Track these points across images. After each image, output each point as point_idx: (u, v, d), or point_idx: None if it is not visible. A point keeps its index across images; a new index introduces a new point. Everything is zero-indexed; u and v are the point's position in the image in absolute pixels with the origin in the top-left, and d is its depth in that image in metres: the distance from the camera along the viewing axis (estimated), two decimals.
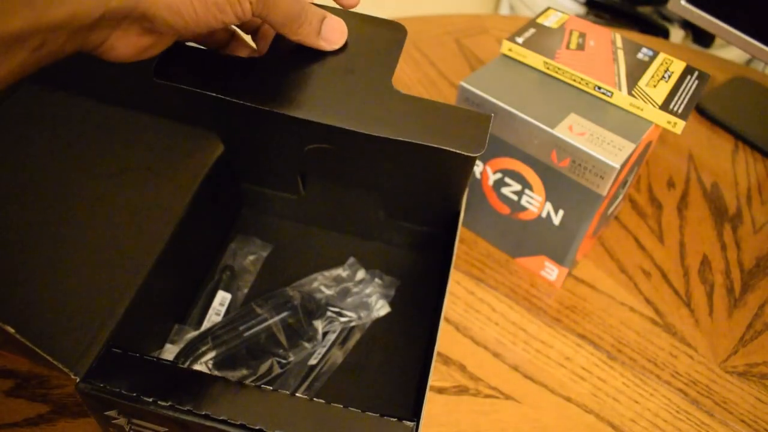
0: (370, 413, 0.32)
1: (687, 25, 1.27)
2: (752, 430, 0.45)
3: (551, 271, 0.52)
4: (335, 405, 0.32)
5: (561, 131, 0.44)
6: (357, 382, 0.43)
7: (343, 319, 0.45)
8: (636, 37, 0.89)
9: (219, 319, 0.44)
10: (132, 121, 0.40)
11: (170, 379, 0.32)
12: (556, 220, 0.48)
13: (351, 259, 0.49)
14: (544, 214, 0.49)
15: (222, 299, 0.45)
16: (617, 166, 0.42)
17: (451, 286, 0.52)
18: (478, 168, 0.51)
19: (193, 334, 0.42)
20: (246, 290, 0.46)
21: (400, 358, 0.44)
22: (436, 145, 0.32)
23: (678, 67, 0.50)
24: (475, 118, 0.33)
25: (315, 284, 0.47)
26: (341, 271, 0.48)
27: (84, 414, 0.41)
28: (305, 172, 0.46)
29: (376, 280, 0.48)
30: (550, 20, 0.54)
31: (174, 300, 0.43)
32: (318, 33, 0.33)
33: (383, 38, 0.35)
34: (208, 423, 0.31)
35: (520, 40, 0.50)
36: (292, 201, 0.49)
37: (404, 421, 0.32)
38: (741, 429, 0.45)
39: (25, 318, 0.31)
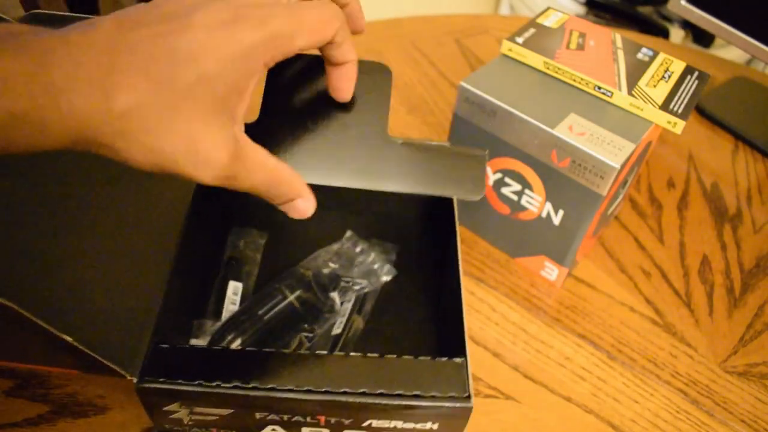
0: (423, 357, 0.35)
1: (687, 25, 1.27)
2: (752, 430, 0.45)
3: (551, 271, 0.52)
4: (388, 356, 0.34)
5: (561, 131, 0.44)
6: (381, 342, 0.45)
7: (356, 288, 0.47)
8: (636, 37, 0.89)
9: (236, 308, 0.46)
10: None
11: (225, 362, 0.33)
12: (556, 220, 0.48)
13: (348, 233, 0.51)
14: (544, 214, 0.49)
15: (234, 289, 0.47)
16: (617, 166, 0.42)
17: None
18: None
19: (215, 326, 0.44)
20: (254, 278, 0.48)
21: (413, 314, 0.47)
22: (436, 194, 0.33)
23: (678, 67, 0.50)
24: (471, 158, 0.33)
25: (320, 260, 0.49)
26: (341, 245, 0.50)
27: (84, 414, 0.41)
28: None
29: (376, 247, 0.50)
30: (550, 20, 0.54)
31: (192, 296, 0.44)
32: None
33: (371, 83, 0.35)
34: (275, 395, 0.32)
35: (520, 40, 0.50)
36: None
37: (454, 359, 0.35)
38: (741, 429, 0.45)
39: (72, 328, 0.31)
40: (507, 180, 0.50)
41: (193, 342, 0.43)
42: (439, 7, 1.63)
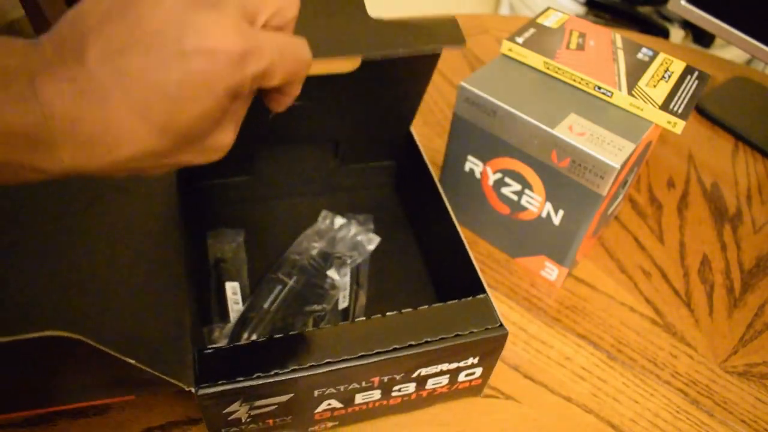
0: (450, 302, 0.38)
1: (687, 25, 1.27)
2: (752, 430, 0.45)
3: (551, 271, 0.52)
4: (421, 308, 0.37)
5: (561, 131, 0.44)
6: (387, 305, 0.46)
7: (348, 261, 0.49)
8: (636, 37, 0.89)
9: (240, 306, 0.46)
10: None
11: (270, 351, 0.34)
12: (556, 220, 0.48)
13: (324, 212, 0.53)
14: (544, 214, 0.49)
15: (233, 289, 0.47)
16: (617, 166, 0.42)
17: None
18: (478, 168, 0.51)
19: (226, 328, 0.44)
20: (245, 275, 0.48)
21: (407, 273, 0.51)
22: (426, 50, 0.37)
23: (678, 67, 0.50)
24: (443, 21, 0.38)
25: (304, 244, 0.50)
26: (320, 225, 0.52)
27: (84, 414, 0.41)
28: (254, 151, 0.49)
29: (353, 221, 0.52)
30: (550, 20, 0.54)
31: (196, 303, 0.44)
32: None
33: None
34: (333, 368, 0.34)
35: (520, 40, 0.50)
36: (247, 183, 0.52)
37: (477, 296, 0.38)
38: (741, 429, 0.45)
39: (123, 351, 0.30)
40: (507, 180, 0.50)
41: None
42: (439, 7, 1.63)
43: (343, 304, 0.47)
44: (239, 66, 0.24)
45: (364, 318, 0.37)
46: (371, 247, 0.51)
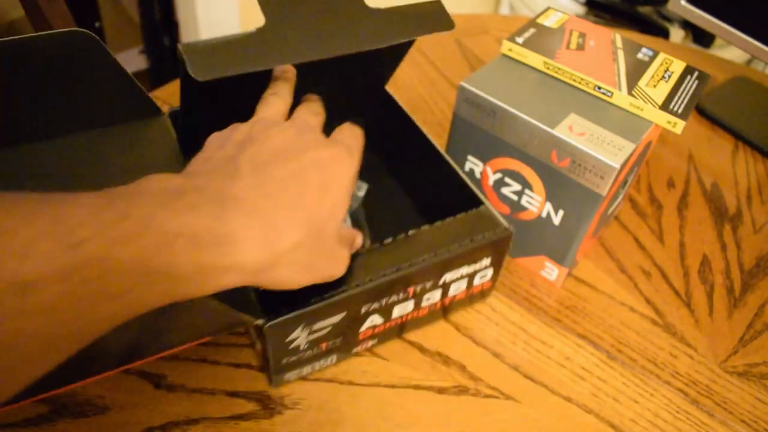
0: (460, 215, 0.44)
1: (687, 25, 1.27)
2: (752, 430, 0.45)
3: (551, 271, 0.52)
4: (436, 225, 0.43)
5: (561, 131, 0.44)
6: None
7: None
8: (636, 37, 0.89)
9: None
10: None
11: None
12: (556, 220, 0.48)
13: None
14: (544, 214, 0.49)
15: None
16: (617, 166, 0.42)
17: None
18: (478, 168, 0.51)
19: None
20: None
21: (402, 212, 0.55)
22: (415, 36, 0.40)
23: (678, 67, 0.50)
24: (429, 4, 0.41)
25: None
26: None
27: (84, 414, 0.41)
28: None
29: None
30: (551, 20, 0.54)
31: None
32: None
33: None
34: (377, 282, 0.39)
35: (520, 40, 0.50)
36: None
37: (479, 208, 0.44)
38: (741, 429, 0.45)
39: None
40: (507, 180, 0.50)
41: None
42: None
43: None
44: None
45: (391, 239, 0.41)
46: (361, 193, 0.53)
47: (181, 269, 0.26)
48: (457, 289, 0.46)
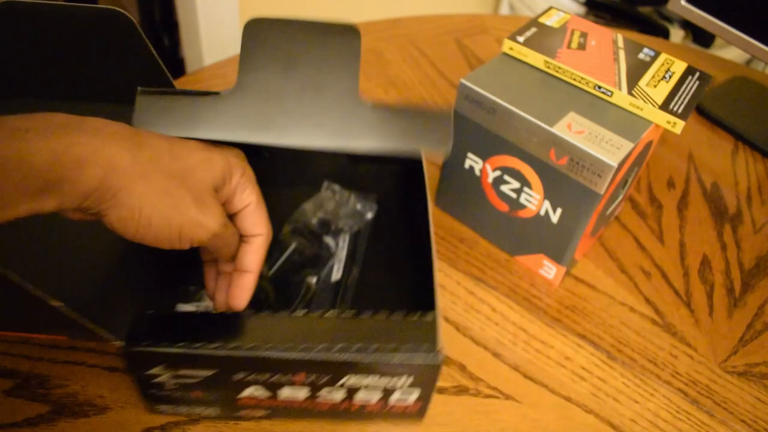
0: (396, 315, 0.36)
1: (687, 25, 1.27)
2: (752, 430, 0.45)
3: (549, 270, 0.52)
4: (363, 316, 0.36)
5: (560, 129, 0.44)
6: (376, 287, 0.47)
7: (346, 228, 0.50)
8: (636, 37, 0.89)
9: None
10: None
11: (208, 325, 0.35)
12: (555, 218, 0.48)
13: (326, 183, 0.53)
14: (542, 212, 0.49)
15: None
16: (615, 164, 0.42)
17: (452, 286, 0.52)
18: (477, 165, 0.51)
19: (201, 291, 0.44)
20: None
21: (401, 248, 0.50)
22: (406, 150, 0.36)
23: (679, 67, 0.50)
24: (438, 115, 0.37)
25: (307, 213, 0.51)
26: (322, 194, 0.52)
27: (84, 414, 0.41)
28: None
29: (354, 193, 0.53)
30: (552, 20, 0.54)
31: (181, 264, 0.44)
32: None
33: (341, 46, 0.37)
34: (255, 353, 0.34)
35: (521, 38, 0.50)
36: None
37: (425, 317, 0.36)
38: (741, 429, 0.45)
39: (61, 297, 0.33)
40: (506, 177, 0.50)
41: (182, 307, 0.44)
42: (438, 6, 1.63)
43: (336, 275, 0.47)
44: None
45: (305, 311, 0.38)
46: (370, 215, 0.51)
47: (36, 157, 0.26)
48: (369, 398, 0.38)
